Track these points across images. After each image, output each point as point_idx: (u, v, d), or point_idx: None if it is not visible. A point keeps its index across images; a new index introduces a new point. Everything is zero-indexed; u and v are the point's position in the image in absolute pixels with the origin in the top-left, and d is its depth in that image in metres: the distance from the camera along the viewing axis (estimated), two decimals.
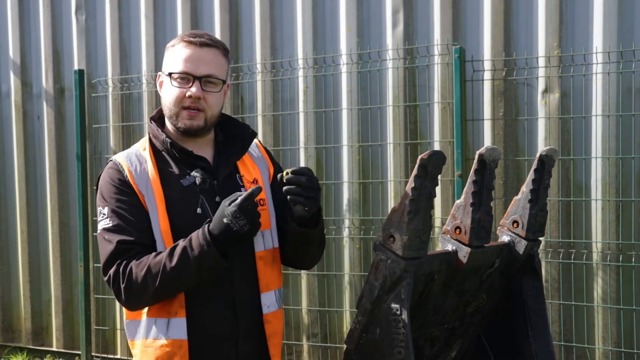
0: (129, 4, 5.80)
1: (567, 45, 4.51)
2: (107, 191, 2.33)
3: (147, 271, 2.22)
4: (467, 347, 2.64)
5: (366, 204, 5.06)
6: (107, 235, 2.28)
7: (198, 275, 2.23)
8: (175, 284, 2.25)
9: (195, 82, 2.32)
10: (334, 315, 5.17)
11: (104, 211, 2.31)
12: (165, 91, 2.37)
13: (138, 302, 2.29)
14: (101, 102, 5.89)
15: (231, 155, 2.44)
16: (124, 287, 2.24)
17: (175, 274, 2.21)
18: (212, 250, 2.19)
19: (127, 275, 2.23)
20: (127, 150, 2.44)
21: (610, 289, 4.46)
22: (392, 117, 4.95)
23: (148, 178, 2.33)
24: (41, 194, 6.19)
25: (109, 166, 2.39)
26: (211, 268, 2.23)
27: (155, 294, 2.25)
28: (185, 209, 2.32)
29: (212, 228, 2.20)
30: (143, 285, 2.22)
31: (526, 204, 2.47)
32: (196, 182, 2.35)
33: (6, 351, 6.35)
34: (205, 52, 2.34)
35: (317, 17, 5.18)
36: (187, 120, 2.33)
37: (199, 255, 2.19)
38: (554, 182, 4.48)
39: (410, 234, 2.11)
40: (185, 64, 2.32)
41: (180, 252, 2.21)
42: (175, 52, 2.36)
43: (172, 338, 2.29)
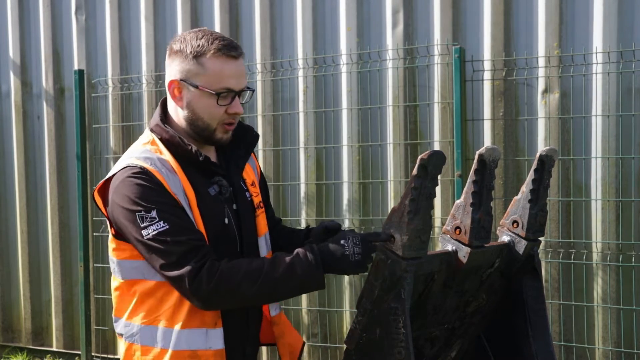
0: (129, 4, 5.80)
1: (567, 45, 4.51)
2: (144, 195, 2.15)
3: (244, 276, 2.13)
4: (467, 347, 2.64)
5: (366, 204, 5.06)
6: (170, 237, 2.13)
7: (295, 292, 2.23)
8: (270, 296, 2.21)
9: (235, 97, 2.25)
10: (334, 315, 5.17)
11: (151, 214, 2.13)
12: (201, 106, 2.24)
13: (220, 304, 2.20)
14: (101, 102, 5.89)
15: (239, 159, 2.40)
16: (211, 287, 2.12)
17: (276, 286, 2.15)
18: (320, 273, 2.14)
19: (217, 276, 2.12)
20: (141, 155, 2.25)
21: (610, 289, 4.46)
22: (392, 117, 4.95)
23: (181, 187, 2.22)
24: (41, 194, 6.19)
25: (132, 172, 2.18)
26: (310, 289, 2.22)
27: (245, 300, 2.19)
28: (215, 220, 2.26)
29: (324, 248, 2.16)
30: (236, 289, 2.13)
31: (526, 204, 2.47)
32: (221, 191, 2.30)
33: (6, 351, 6.35)
34: (241, 64, 2.26)
35: (317, 17, 5.18)
36: (224, 134, 2.27)
37: (306, 274, 2.14)
38: (554, 182, 4.48)
39: (410, 234, 2.11)
40: (229, 81, 2.22)
41: (287, 265, 2.14)
42: (212, 66, 2.22)
43: (214, 348, 2.23)
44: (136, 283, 2.26)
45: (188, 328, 2.21)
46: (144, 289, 2.25)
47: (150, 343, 2.24)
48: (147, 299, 2.25)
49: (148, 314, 2.24)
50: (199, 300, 2.15)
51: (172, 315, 2.22)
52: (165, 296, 2.23)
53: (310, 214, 5.18)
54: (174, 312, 2.22)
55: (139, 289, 2.26)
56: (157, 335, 2.23)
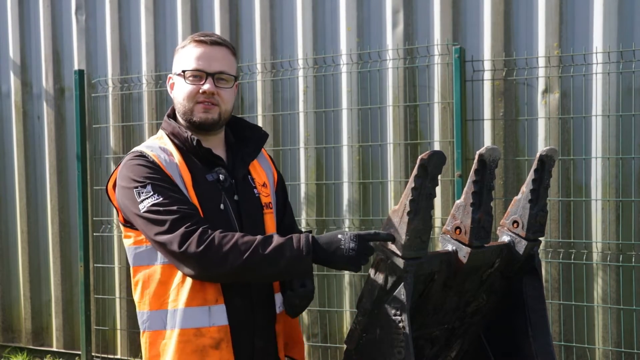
0: (129, 4, 5.80)
1: (567, 45, 4.51)
2: (141, 173, 2.29)
3: (232, 247, 2.17)
4: (467, 347, 2.64)
5: (366, 204, 5.06)
6: (163, 207, 2.23)
7: (279, 273, 2.23)
8: (254, 272, 2.21)
9: (208, 78, 2.38)
10: (334, 315, 5.17)
11: (146, 189, 2.26)
12: (179, 89, 2.43)
13: (209, 270, 2.22)
14: (101, 102, 5.89)
15: (246, 156, 2.50)
16: (200, 251, 2.17)
17: (260, 263, 2.17)
18: (308, 259, 2.16)
19: (208, 242, 2.18)
20: (145, 144, 2.44)
21: (610, 289, 4.46)
22: (392, 117, 4.95)
23: (179, 171, 2.35)
24: (41, 194, 6.19)
25: (133, 156, 2.36)
26: (295, 274, 2.25)
27: (230, 272, 2.20)
28: (210, 203, 2.35)
29: (319, 239, 2.19)
30: (223, 258, 2.17)
31: (526, 204, 2.47)
32: (220, 178, 2.40)
33: (6, 351, 6.35)
34: (216, 50, 2.41)
35: (317, 17, 5.18)
36: (202, 113, 2.39)
37: (294, 258, 2.17)
38: (554, 182, 4.48)
39: (410, 234, 2.11)
40: (197, 62, 2.38)
41: (276, 245, 2.18)
42: (187, 52, 2.42)
43: (217, 325, 2.30)
44: (141, 269, 2.36)
45: (191, 306, 2.28)
46: (149, 273, 2.34)
47: (160, 327, 2.33)
48: (151, 284, 2.34)
49: (155, 299, 2.33)
50: (186, 263, 2.21)
51: (176, 296, 2.30)
52: (168, 279, 2.32)
53: (310, 214, 5.18)
54: (177, 292, 2.30)
55: (143, 274, 2.36)
56: (165, 318, 2.32)
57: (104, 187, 5.74)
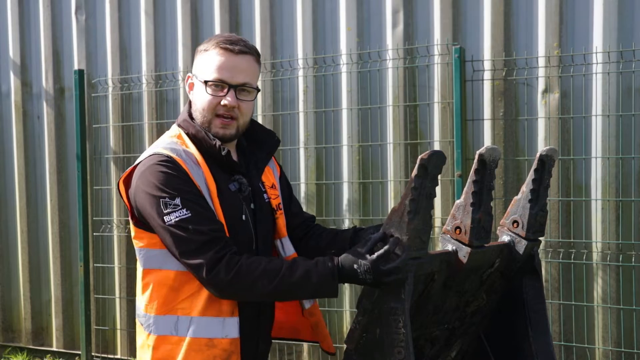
0: (129, 4, 5.80)
1: (567, 45, 4.51)
2: (169, 182, 2.21)
3: (261, 274, 2.18)
4: (467, 347, 2.64)
5: (366, 204, 5.06)
6: (192, 225, 2.18)
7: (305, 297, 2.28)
8: (284, 296, 2.28)
9: (230, 90, 2.29)
10: (334, 315, 5.17)
11: (174, 202, 2.19)
12: (199, 96, 2.33)
13: (236, 296, 2.24)
14: (101, 102, 5.88)
15: (259, 162, 2.46)
16: (229, 279, 2.17)
17: (289, 289, 2.20)
18: (335, 283, 2.19)
19: (236, 269, 2.17)
20: (168, 146, 2.31)
21: (610, 289, 4.46)
22: (392, 117, 4.95)
23: (204, 179, 2.28)
24: (41, 194, 6.19)
25: (158, 159, 2.25)
26: (324, 296, 2.25)
27: (259, 297, 2.24)
28: (233, 215, 2.31)
29: (343, 264, 2.18)
30: (252, 285, 2.18)
31: (526, 204, 2.47)
32: (241, 188, 2.36)
33: (6, 351, 6.35)
34: (241, 60, 2.31)
35: (317, 17, 5.18)
36: (220, 129, 2.31)
37: (321, 283, 2.18)
38: (554, 182, 4.47)
39: (410, 234, 2.11)
40: (221, 72, 2.29)
41: (303, 272, 2.18)
42: (210, 58, 2.31)
43: (229, 337, 2.28)
44: (152, 272, 2.31)
45: (206, 316, 2.26)
46: (160, 278, 2.29)
47: (167, 332, 2.29)
48: (162, 289, 2.29)
49: (164, 303, 2.29)
50: (215, 289, 2.21)
51: (191, 304, 2.27)
52: (182, 286, 2.28)
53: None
54: (192, 300, 2.27)
55: (154, 278, 2.30)
56: (174, 324, 2.28)
57: (104, 187, 5.80)
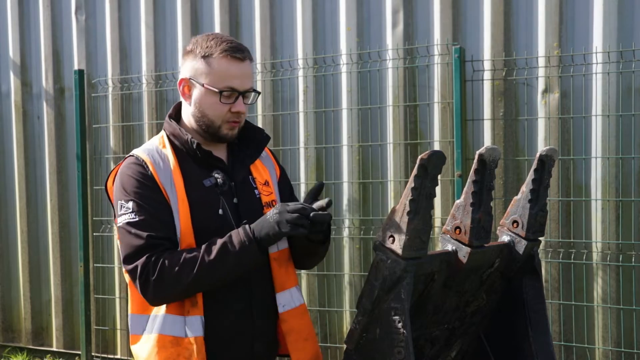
0: (129, 4, 5.80)
1: (567, 45, 4.51)
2: (130, 185, 2.31)
3: (182, 265, 2.22)
4: (467, 347, 2.64)
5: (366, 204, 5.06)
6: (134, 229, 2.26)
7: (235, 271, 2.26)
8: (211, 278, 2.25)
9: (239, 97, 2.37)
10: (334, 315, 5.17)
11: (127, 205, 2.29)
12: (206, 103, 2.37)
13: (166, 295, 2.27)
14: (101, 102, 5.89)
15: (246, 157, 2.48)
16: (154, 279, 2.22)
17: (212, 268, 2.23)
18: (253, 247, 2.22)
19: (159, 267, 2.22)
20: (145, 146, 2.42)
21: (610, 289, 4.46)
22: (392, 117, 4.95)
23: (171, 176, 2.33)
24: (41, 194, 6.19)
25: (129, 161, 2.36)
26: (250, 264, 2.26)
27: (188, 288, 2.25)
28: (208, 209, 2.34)
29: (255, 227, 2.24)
30: (176, 279, 2.22)
31: (526, 204, 2.47)
32: (217, 183, 2.38)
33: (6, 351, 6.35)
34: (246, 67, 2.39)
35: (317, 17, 5.18)
36: (229, 131, 2.38)
37: (240, 252, 2.22)
38: (554, 182, 4.47)
39: (410, 234, 2.11)
40: (233, 81, 2.35)
41: (220, 246, 2.23)
42: (219, 66, 2.35)
43: (190, 335, 2.30)
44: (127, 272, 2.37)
45: (170, 314, 2.30)
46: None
47: (139, 331, 2.35)
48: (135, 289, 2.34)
49: (138, 303, 2.35)
50: (146, 294, 2.26)
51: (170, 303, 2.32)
52: None
53: None
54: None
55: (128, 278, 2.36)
56: (145, 322, 2.33)
57: (104, 187, 5.78)
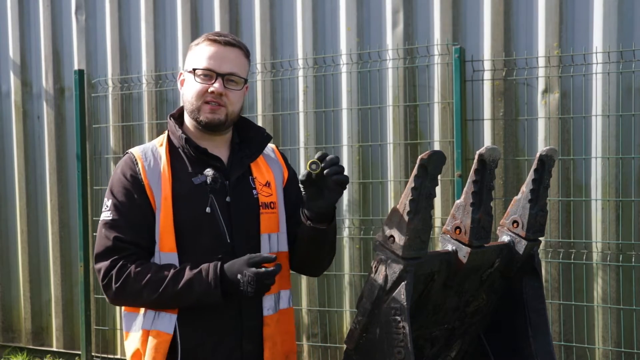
0: (129, 4, 5.80)
1: (567, 45, 4.51)
2: (117, 185, 2.38)
3: (146, 283, 2.30)
4: (467, 347, 2.64)
5: (366, 204, 5.06)
6: (105, 228, 2.35)
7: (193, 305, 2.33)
8: (169, 305, 2.34)
9: (218, 78, 2.38)
10: (334, 315, 5.17)
11: (107, 203, 2.38)
12: (188, 87, 2.43)
13: (125, 303, 2.39)
14: (101, 102, 5.89)
15: (245, 156, 2.49)
16: (117, 287, 2.31)
17: (174, 298, 2.30)
18: (217, 292, 2.27)
19: (124, 278, 2.31)
20: (145, 145, 2.49)
21: (610, 289, 4.46)
22: (392, 117, 4.95)
23: (159, 173, 2.38)
24: (41, 194, 6.19)
25: (124, 159, 2.44)
26: (210, 304, 2.32)
27: (147, 304, 2.34)
28: (194, 206, 2.37)
29: (227, 272, 2.28)
30: (138, 294, 2.31)
31: (526, 204, 2.47)
32: (207, 181, 2.39)
33: (6, 351, 6.35)
34: (228, 51, 2.41)
35: (317, 17, 5.18)
36: (209, 114, 2.39)
37: (204, 293, 2.28)
38: (554, 182, 4.47)
39: (410, 234, 2.11)
40: (209, 61, 2.39)
41: (186, 282, 2.28)
42: (200, 50, 2.42)
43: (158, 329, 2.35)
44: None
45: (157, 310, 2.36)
46: None
47: (129, 328, 2.42)
48: None
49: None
50: (108, 295, 2.37)
51: None
52: None
53: None
54: None
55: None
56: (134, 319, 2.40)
57: (104, 187, 5.79)
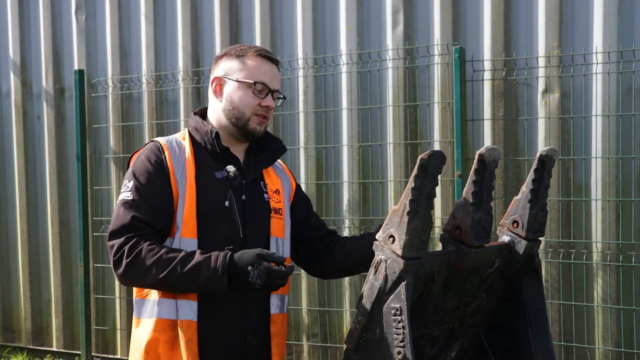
0: (129, 4, 5.80)
1: (567, 45, 4.51)
2: (140, 168, 2.43)
3: (156, 261, 2.31)
4: (467, 347, 2.64)
5: (366, 204, 5.06)
6: (124, 208, 2.39)
7: (198, 290, 2.36)
8: (175, 287, 2.36)
9: (269, 94, 2.53)
10: (334, 315, 5.17)
11: (129, 185, 2.42)
12: (239, 96, 2.52)
13: (133, 281, 2.39)
14: (101, 102, 5.89)
15: (260, 162, 2.61)
16: (127, 262, 2.33)
17: (179, 280, 2.31)
18: (224, 280, 2.28)
19: (135, 254, 2.33)
20: (167, 137, 2.57)
21: (610, 289, 4.46)
22: (392, 117, 4.95)
23: (184, 163, 2.46)
24: (41, 194, 6.19)
25: (149, 146, 2.50)
26: (213, 292, 2.33)
27: (153, 284, 2.36)
28: (214, 198, 2.45)
29: (236, 261, 2.29)
30: (147, 271, 2.32)
31: (526, 204, 2.47)
32: (229, 176, 2.49)
33: (6, 351, 6.35)
34: (275, 69, 2.58)
35: (317, 17, 5.18)
36: (257, 125, 2.53)
37: (210, 278, 2.29)
38: (554, 182, 4.47)
39: (410, 234, 2.11)
40: (265, 77, 2.52)
41: (194, 264, 2.30)
42: (253, 63, 2.53)
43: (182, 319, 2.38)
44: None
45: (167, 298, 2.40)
46: None
47: (140, 315, 2.45)
48: None
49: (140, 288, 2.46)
50: (117, 273, 2.37)
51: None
52: None
53: None
54: None
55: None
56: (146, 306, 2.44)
57: (104, 187, 5.80)
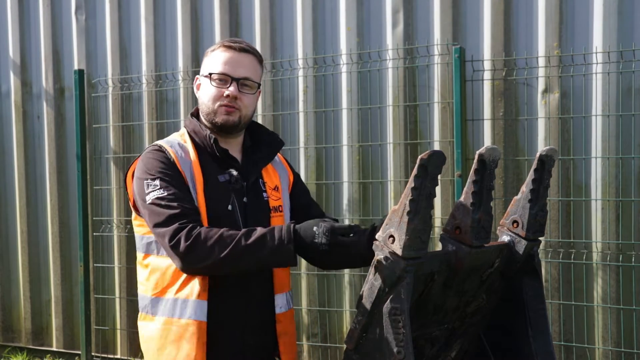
0: (129, 4, 5.80)
1: (567, 45, 4.51)
2: (154, 167, 2.43)
3: (218, 240, 2.29)
4: (467, 347, 2.64)
5: (366, 204, 5.06)
6: (165, 202, 2.37)
7: (264, 263, 2.33)
8: (238, 263, 2.31)
9: (232, 83, 2.50)
10: (334, 315, 5.17)
11: (155, 183, 2.40)
12: (204, 90, 2.55)
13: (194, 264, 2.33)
14: (101, 102, 5.89)
15: (259, 160, 2.61)
16: (188, 244, 2.30)
17: (245, 253, 2.28)
18: (290, 247, 2.27)
19: (195, 236, 2.30)
20: (166, 139, 2.57)
21: (610, 289, 4.46)
22: (392, 117, 4.95)
23: (191, 167, 2.48)
24: (41, 194, 6.19)
25: (152, 149, 2.50)
26: (281, 262, 2.33)
27: (215, 264, 2.30)
28: (218, 202, 2.46)
29: (299, 229, 2.29)
30: (209, 250, 2.29)
31: (526, 204, 2.47)
32: (231, 180, 2.50)
33: (6, 351, 6.35)
34: (243, 57, 2.53)
35: (317, 17, 5.18)
36: (224, 115, 2.50)
37: (275, 249, 2.27)
38: (554, 182, 4.48)
39: (410, 234, 2.11)
40: (224, 66, 2.51)
41: (259, 235, 2.29)
42: (215, 56, 2.54)
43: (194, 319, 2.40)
44: (148, 257, 2.48)
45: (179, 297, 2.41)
46: (155, 263, 2.47)
47: (155, 313, 2.46)
48: (155, 273, 2.46)
49: (156, 286, 2.46)
50: (176, 257, 2.35)
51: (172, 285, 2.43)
52: (169, 269, 2.44)
53: None
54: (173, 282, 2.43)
55: (151, 262, 2.47)
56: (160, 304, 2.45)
57: (104, 187, 5.81)
